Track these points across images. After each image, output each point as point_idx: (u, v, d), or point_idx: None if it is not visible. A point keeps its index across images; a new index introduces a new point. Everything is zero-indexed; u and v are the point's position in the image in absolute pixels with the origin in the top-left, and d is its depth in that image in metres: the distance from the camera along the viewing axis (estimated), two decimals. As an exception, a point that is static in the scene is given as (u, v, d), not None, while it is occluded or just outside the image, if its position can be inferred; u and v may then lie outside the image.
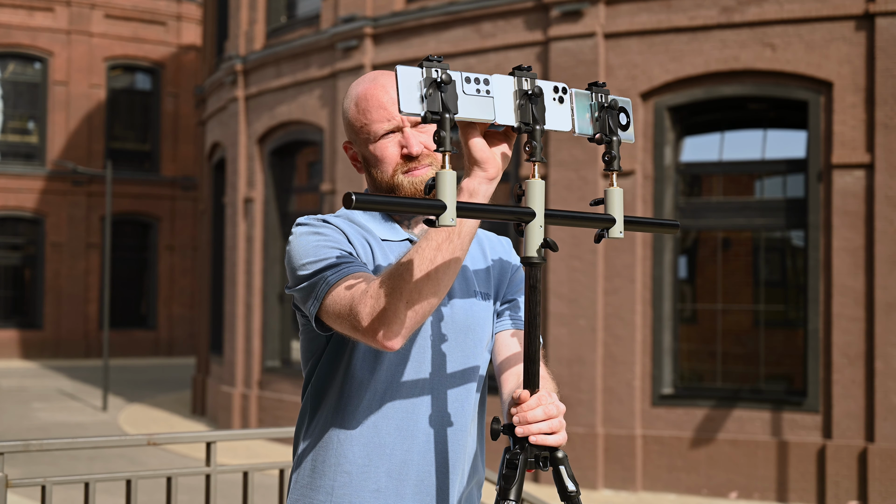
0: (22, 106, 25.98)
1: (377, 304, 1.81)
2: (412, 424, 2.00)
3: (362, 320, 1.83)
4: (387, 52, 11.81)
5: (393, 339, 1.83)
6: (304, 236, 1.99)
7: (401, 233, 2.09)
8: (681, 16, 9.87)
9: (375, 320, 1.82)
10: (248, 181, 14.11)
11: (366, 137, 2.05)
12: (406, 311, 1.82)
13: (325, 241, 1.97)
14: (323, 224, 2.02)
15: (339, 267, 1.92)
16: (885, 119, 9.08)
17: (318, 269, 1.93)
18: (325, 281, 1.91)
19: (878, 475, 8.96)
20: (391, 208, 1.72)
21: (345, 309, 1.86)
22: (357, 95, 2.07)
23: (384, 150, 2.04)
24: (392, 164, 2.04)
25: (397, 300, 1.80)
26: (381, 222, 2.09)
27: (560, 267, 10.19)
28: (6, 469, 3.28)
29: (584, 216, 1.92)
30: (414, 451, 2.00)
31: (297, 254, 1.98)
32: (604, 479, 9.99)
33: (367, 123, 2.04)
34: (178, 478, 3.62)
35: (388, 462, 1.99)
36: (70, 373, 22.09)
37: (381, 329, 1.82)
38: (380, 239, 2.06)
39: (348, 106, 2.09)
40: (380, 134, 2.04)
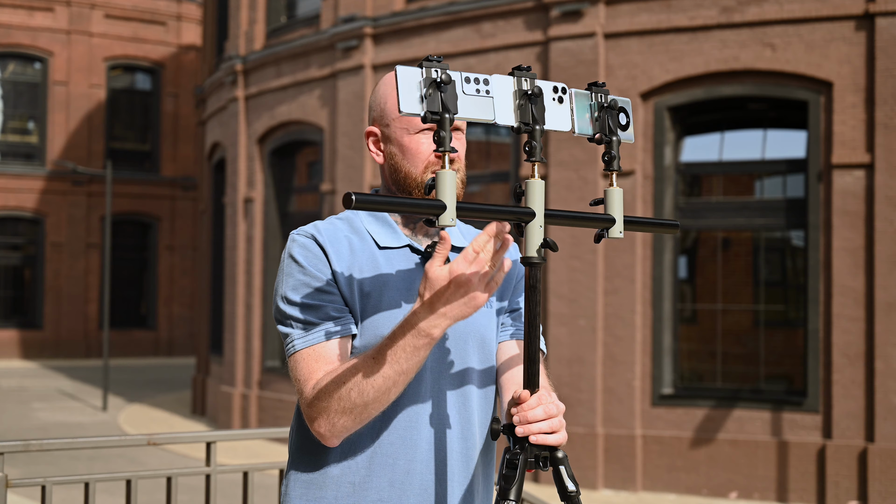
0: (22, 106, 25.97)
1: (324, 408, 1.87)
2: (415, 434, 1.98)
3: (307, 417, 1.91)
4: (387, 52, 11.81)
5: (331, 441, 1.92)
6: (290, 262, 1.99)
7: (402, 238, 2.04)
8: (681, 16, 9.87)
9: (318, 421, 1.89)
10: (248, 181, 14.10)
11: (404, 127, 2.00)
12: (349, 425, 1.89)
13: (306, 277, 1.96)
14: (309, 246, 1.98)
15: (306, 329, 1.94)
16: (885, 119, 9.08)
17: (293, 316, 1.95)
18: (292, 343, 1.95)
19: (878, 475, 8.96)
20: (391, 208, 1.72)
21: (299, 386, 1.93)
22: None
23: (420, 145, 2.00)
24: (424, 160, 2.00)
25: (345, 415, 1.87)
26: (382, 226, 2.05)
27: (560, 267, 10.19)
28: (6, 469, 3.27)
29: (584, 216, 1.92)
30: (417, 460, 1.97)
31: (281, 279, 1.99)
32: (604, 479, 9.99)
33: None
34: (178, 478, 3.62)
35: (390, 472, 1.96)
36: (70, 373, 22.09)
37: (323, 430, 1.90)
38: (378, 246, 2.02)
39: (387, 92, 2.03)
40: (420, 127, 2.00)
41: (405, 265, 2.02)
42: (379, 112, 2.05)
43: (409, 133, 2.01)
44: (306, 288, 1.95)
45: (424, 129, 2.00)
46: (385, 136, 2.04)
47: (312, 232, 2.00)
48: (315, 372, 1.90)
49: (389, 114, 2.02)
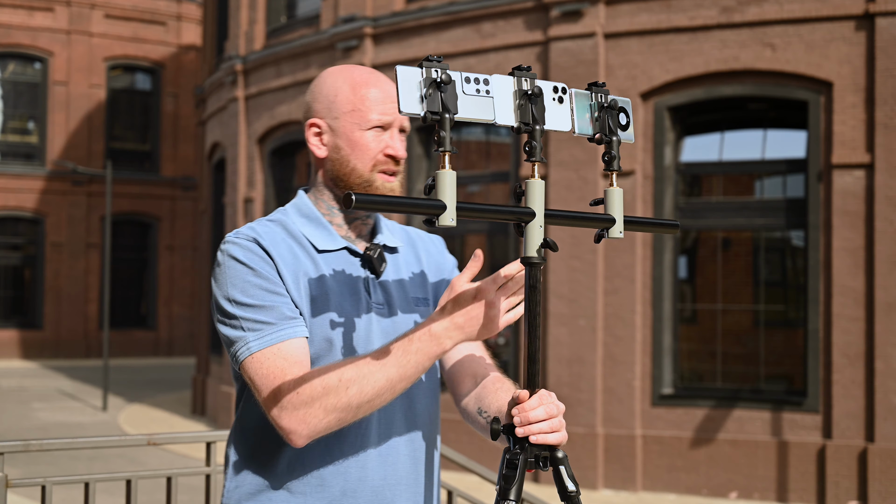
0: (22, 106, 25.98)
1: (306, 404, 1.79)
2: (365, 441, 1.95)
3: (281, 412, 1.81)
4: (387, 52, 11.81)
5: (302, 441, 1.83)
6: (233, 262, 1.90)
7: (338, 240, 2.00)
8: (681, 16, 9.87)
9: (290, 419, 1.80)
10: (248, 181, 14.11)
11: (356, 122, 1.97)
12: (331, 425, 1.82)
13: (255, 277, 1.88)
14: (253, 249, 1.91)
15: (262, 330, 1.86)
16: (885, 119, 9.08)
17: (243, 316, 1.86)
18: (246, 345, 1.85)
19: (878, 475, 8.96)
20: (391, 208, 1.72)
21: (264, 385, 1.83)
22: (354, 79, 1.99)
23: (370, 142, 1.96)
24: (372, 157, 1.96)
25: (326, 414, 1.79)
26: (316, 228, 2.00)
27: (560, 267, 10.19)
28: (6, 469, 3.27)
29: (584, 216, 1.92)
30: (368, 467, 1.95)
31: (224, 282, 1.90)
32: (604, 479, 9.99)
33: (363, 109, 1.96)
34: (178, 478, 3.61)
35: (342, 481, 1.94)
36: (70, 373, 22.09)
37: (293, 430, 1.80)
38: (317, 250, 1.98)
39: (339, 85, 1.99)
40: (372, 124, 1.96)
41: (345, 268, 1.99)
42: (326, 105, 2.00)
43: (360, 129, 1.97)
44: (256, 289, 1.87)
45: (375, 127, 1.97)
46: (331, 129, 2.00)
47: (253, 235, 1.93)
48: (285, 369, 1.82)
49: (340, 107, 1.98)
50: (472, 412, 2.02)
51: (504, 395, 1.97)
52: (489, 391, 2.00)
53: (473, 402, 2.02)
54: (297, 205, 2.05)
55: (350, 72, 2.02)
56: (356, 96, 1.98)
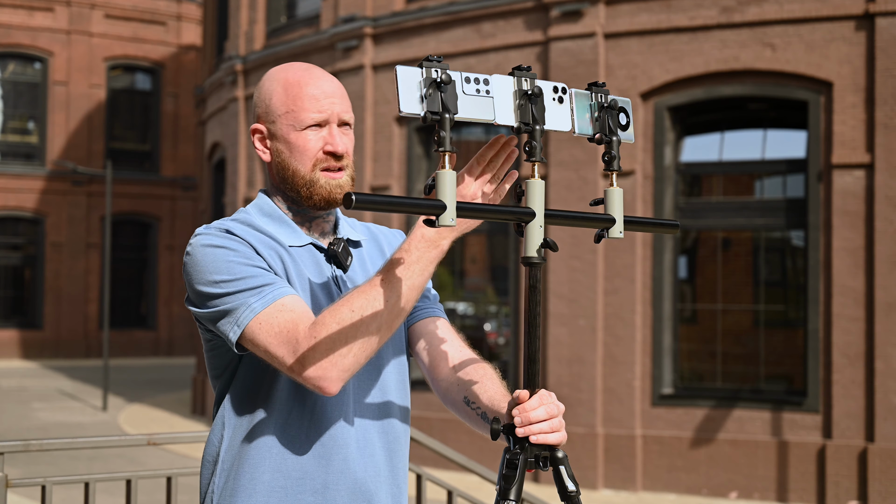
0: (22, 106, 25.98)
1: (328, 347, 1.76)
2: (345, 433, 1.95)
3: (306, 364, 1.77)
4: (387, 52, 11.81)
5: (335, 385, 1.79)
6: (209, 249, 1.87)
7: (303, 237, 2.00)
8: (681, 16, 9.87)
9: (318, 366, 1.77)
10: (248, 181, 14.11)
11: (290, 124, 1.96)
12: (359, 358, 1.79)
13: (236, 256, 1.87)
14: (227, 235, 1.90)
15: (261, 290, 1.83)
16: (885, 119, 9.08)
17: (236, 290, 1.84)
18: (249, 307, 1.82)
19: (878, 475, 8.96)
20: (391, 209, 1.72)
21: (279, 343, 1.80)
22: (287, 80, 1.98)
23: (307, 142, 1.95)
24: (312, 157, 1.96)
25: (350, 348, 1.77)
26: (280, 226, 2.00)
27: (560, 267, 10.19)
28: (6, 469, 3.27)
29: (584, 216, 1.92)
30: (350, 458, 1.95)
31: (204, 268, 1.87)
32: (604, 479, 9.99)
33: (296, 110, 1.95)
34: (178, 478, 3.62)
35: (324, 474, 1.93)
36: (70, 373, 22.09)
37: (324, 376, 1.77)
38: (286, 245, 1.98)
39: (272, 88, 1.99)
40: (307, 123, 1.95)
41: (312, 263, 2.00)
42: (264, 109, 2.00)
43: (296, 130, 1.96)
44: (240, 266, 1.85)
45: (311, 126, 1.96)
46: (271, 134, 1.99)
47: (224, 227, 1.93)
48: (296, 321, 1.79)
49: (275, 110, 1.98)
50: (458, 401, 2.01)
51: (491, 386, 1.97)
52: (474, 380, 2.00)
53: (457, 390, 2.01)
54: (259, 205, 2.05)
55: (285, 72, 2.01)
56: (289, 97, 1.97)
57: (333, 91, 1.98)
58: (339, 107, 1.97)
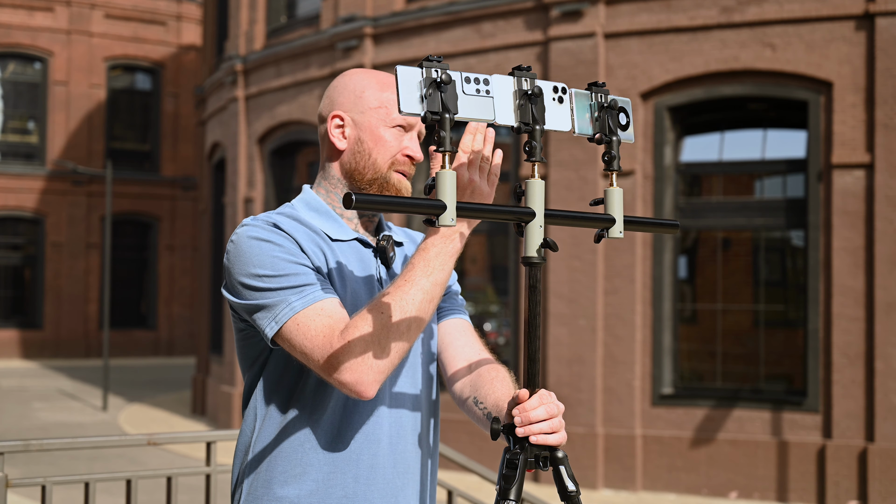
0: (22, 106, 25.98)
1: (363, 351, 1.78)
2: (378, 429, 1.96)
3: (342, 368, 1.79)
4: (387, 52, 11.81)
5: (372, 388, 1.81)
6: (254, 241, 1.89)
7: (349, 231, 2.03)
8: (681, 16, 9.87)
9: (353, 370, 1.79)
10: (248, 181, 14.11)
11: (381, 118, 2.00)
12: (393, 359, 1.81)
13: (281, 252, 1.88)
14: (274, 230, 1.91)
15: (302, 290, 1.85)
16: (885, 119, 9.08)
17: (279, 286, 1.85)
18: (289, 305, 1.84)
19: (878, 475, 8.97)
20: (390, 208, 1.72)
21: (315, 346, 1.82)
22: (382, 81, 2.04)
23: (392, 139, 2.01)
24: (392, 155, 2.00)
25: (383, 349, 1.79)
26: (326, 220, 2.02)
27: (560, 267, 10.19)
28: (6, 469, 3.28)
29: (584, 216, 1.92)
30: (380, 455, 1.96)
31: (248, 260, 1.88)
32: (604, 479, 10.00)
33: (390, 107, 2.00)
34: (178, 478, 3.62)
35: (355, 468, 1.95)
36: (70, 373, 22.09)
37: (360, 380, 1.79)
38: (329, 239, 2.00)
39: (367, 82, 2.04)
40: (397, 122, 2.00)
41: (358, 257, 2.02)
42: (352, 99, 2.03)
43: (386, 125, 2.01)
44: (285, 262, 1.87)
45: (399, 126, 2.01)
46: (355, 123, 2.03)
47: (273, 220, 1.94)
48: (333, 327, 1.81)
49: (367, 102, 2.02)
50: (468, 401, 2.03)
51: (500, 387, 1.98)
52: (485, 381, 2.02)
53: (469, 391, 2.04)
54: (305, 199, 2.07)
55: (377, 74, 2.07)
56: (384, 95, 2.02)
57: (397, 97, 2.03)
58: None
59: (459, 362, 2.09)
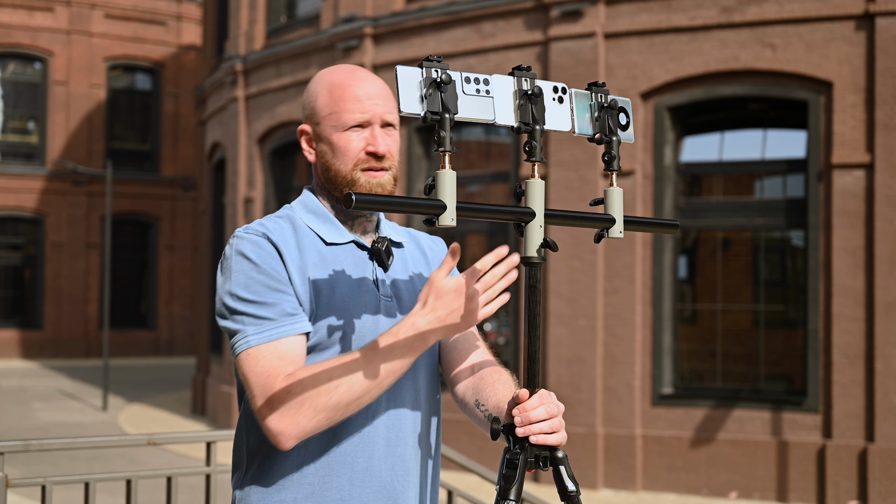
0: (22, 106, 25.98)
1: (296, 406, 1.81)
2: (373, 431, 1.96)
3: (269, 413, 1.82)
4: (387, 52, 11.81)
5: (290, 443, 1.84)
6: (239, 258, 1.92)
7: (346, 234, 2.03)
8: (681, 16, 9.87)
9: (279, 421, 1.82)
10: (248, 181, 14.11)
11: (333, 125, 1.99)
12: (321, 425, 1.83)
13: (259, 273, 1.90)
14: (261, 243, 1.93)
15: (262, 324, 1.87)
16: (885, 119, 9.08)
17: (245, 312, 1.88)
18: (245, 338, 1.87)
19: (878, 475, 8.96)
20: (390, 208, 1.72)
21: (256, 384, 1.85)
22: (331, 82, 2.02)
23: (349, 143, 1.98)
24: (354, 157, 1.98)
25: (316, 414, 1.81)
26: (323, 223, 2.03)
27: (560, 267, 10.19)
28: (6, 469, 3.27)
29: (584, 216, 1.92)
30: (375, 457, 1.96)
31: (228, 277, 1.92)
32: (604, 479, 9.99)
33: (339, 112, 1.98)
34: (178, 478, 3.62)
35: (350, 470, 1.94)
36: (70, 373, 22.09)
37: (282, 432, 1.82)
38: (324, 242, 2.01)
39: (318, 90, 2.03)
40: (349, 124, 1.98)
41: (353, 261, 2.01)
42: (310, 110, 2.04)
43: (339, 131, 1.99)
44: (260, 286, 1.90)
45: (353, 127, 1.99)
46: (316, 135, 2.03)
47: (262, 230, 1.96)
48: (280, 368, 1.84)
49: (319, 112, 2.01)
50: (470, 404, 2.03)
51: (502, 389, 1.98)
52: (487, 383, 2.01)
53: (471, 393, 2.03)
54: (304, 202, 2.08)
55: (330, 74, 2.05)
56: (332, 99, 2.00)
57: (377, 93, 2.00)
58: (381, 108, 1.99)
59: (462, 365, 2.09)
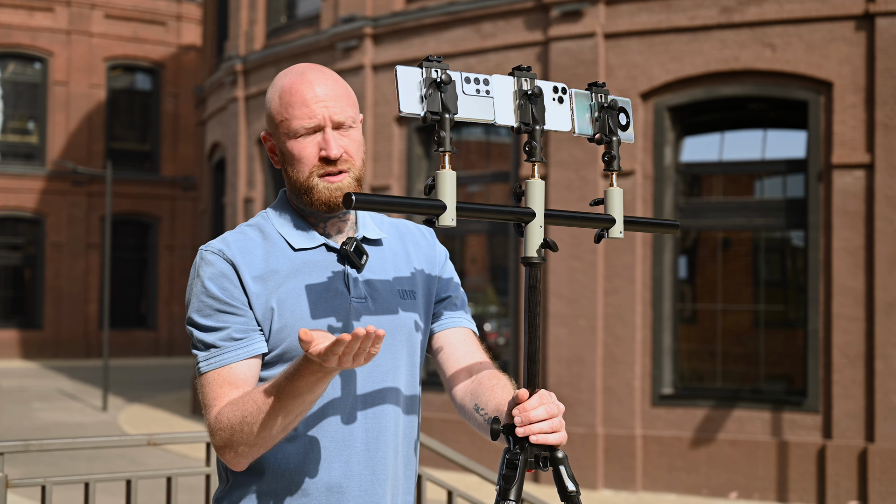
0: (22, 106, 25.97)
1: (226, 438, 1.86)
2: (349, 436, 1.94)
3: (213, 443, 1.90)
4: (387, 52, 11.81)
5: (237, 466, 1.91)
6: (197, 282, 1.94)
7: (316, 238, 1.99)
8: (681, 16, 9.87)
9: (221, 450, 1.88)
10: (248, 181, 14.11)
11: (285, 133, 1.93)
12: (257, 453, 1.88)
13: (210, 299, 1.91)
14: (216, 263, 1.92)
15: (211, 353, 1.91)
16: (885, 119, 9.08)
17: (199, 339, 1.93)
18: (197, 366, 1.92)
19: (878, 475, 8.97)
20: (390, 208, 1.72)
21: (204, 411, 1.92)
22: (281, 87, 1.95)
23: (302, 150, 1.93)
24: (309, 164, 1.93)
25: (249, 447, 1.85)
26: (293, 228, 1.99)
27: (560, 267, 10.19)
28: (6, 469, 3.27)
29: (584, 216, 1.92)
30: (353, 461, 1.94)
31: (189, 300, 1.97)
32: (604, 479, 9.99)
33: (288, 119, 1.93)
34: (178, 478, 3.62)
35: (327, 476, 1.93)
36: (70, 373, 22.09)
37: (228, 458, 1.89)
38: (293, 248, 1.97)
39: (271, 97, 1.97)
40: (300, 132, 1.92)
41: (322, 264, 1.97)
42: (267, 117, 2.00)
43: (291, 138, 1.94)
44: (209, 310, 1.92)
45: (304, 134, 1.93)
46: (275, 143, 1.99)
47: (221, 247, 1.94)
48: (219, 398, 1.88)
49: (273, 120, 1.96)
50: (469, 409, 2.01)
51: (501, 393, 1.96)
52: (486, 388, 1.99)
53: (470, 399, 2.01)
54: (277, 206, 2.05)
55: (282, 78, 1.99)
56: (282, 106, 1.95)
57: (325, 94, 1.93)
58: (331, 109, 1.93)
59: (460, 372, 2.07)
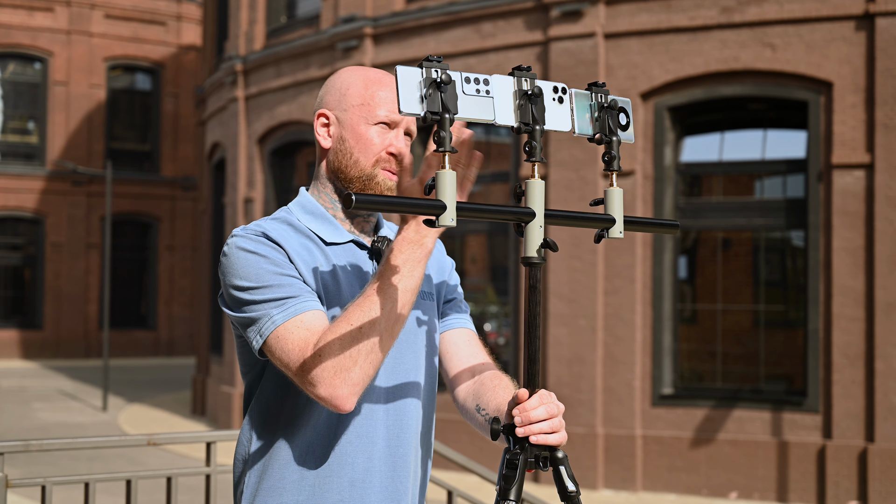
0: (22, 106, 25.98)
1: (334, 364, 1.78)
2: (372, 431, 1.95)
3: (315, 383, 1.79)
4: (387, 52, 11.81)
5: (348, 402, 1.80)
6: (242, 253, 1.90)
7: (345, 234, 2.02)
8: (681, 16, 9.87)
9: (327, 385, 1.78)
10: (248, 181, 14.11)
11: (363, 115, 2.00)
12: (366, 370, 1.80)
13: (267, 263, 1.88)
14: (262, 240, 1.91)
15: (284, 303, 1.85)
16: (885, 119, 9.08)
17: (261, 299, 1.86)
18: (271, 319, 1.85)
19: (878, 475, 8.96)
20: (390, 208, 1.72)
21: (292, 360, 1.82)
22: (369, 77, 2.03)
23: (374, 136, 1.99)
24: (376, 153, 1.99)
25: (354, 362, 1.78)
26: (322, 223, 2.02)
27: (560, 267, 10.19)
28: (6, 469, 3.27)
29: (584, 216, 1.92)
30: (375, 457, 1.95)
31: (236, 273, 1.89)
32: (604, 479, 9.99)
33: (372, 104, 2.00)
34: (178, 478, 3.62)
35: (350, 471, 1.94)
36: (70, 373, 22.09)
37: (335, 394, 1.78)
38: (324, 242, 1.99)
39: (351, 80, 2.03)
40: (378, 119, 1.99)
41: (354, 260, 2.01)
42: (337, 97, 2.03)
43: (367, 123, 2.00)
44: (269, 273, 1.87)
45: (381, 123, 1.99)
46: (339, 121, 2.02)
47: (261, 229, 1.94)
48: (309, 340, 1.81)
49: (350, 100, 2.01)
50: (471, 409, 2.03)
51: (502, 393, 1.97)
52: (487, 388, 2.01)
53: (472, 399, 2.03)
54: (301, 202, 2.06)
55: (366, 70, 2.06)
56: (367, 92, 2.01)
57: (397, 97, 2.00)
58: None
59: (463, 372, 2.09)
